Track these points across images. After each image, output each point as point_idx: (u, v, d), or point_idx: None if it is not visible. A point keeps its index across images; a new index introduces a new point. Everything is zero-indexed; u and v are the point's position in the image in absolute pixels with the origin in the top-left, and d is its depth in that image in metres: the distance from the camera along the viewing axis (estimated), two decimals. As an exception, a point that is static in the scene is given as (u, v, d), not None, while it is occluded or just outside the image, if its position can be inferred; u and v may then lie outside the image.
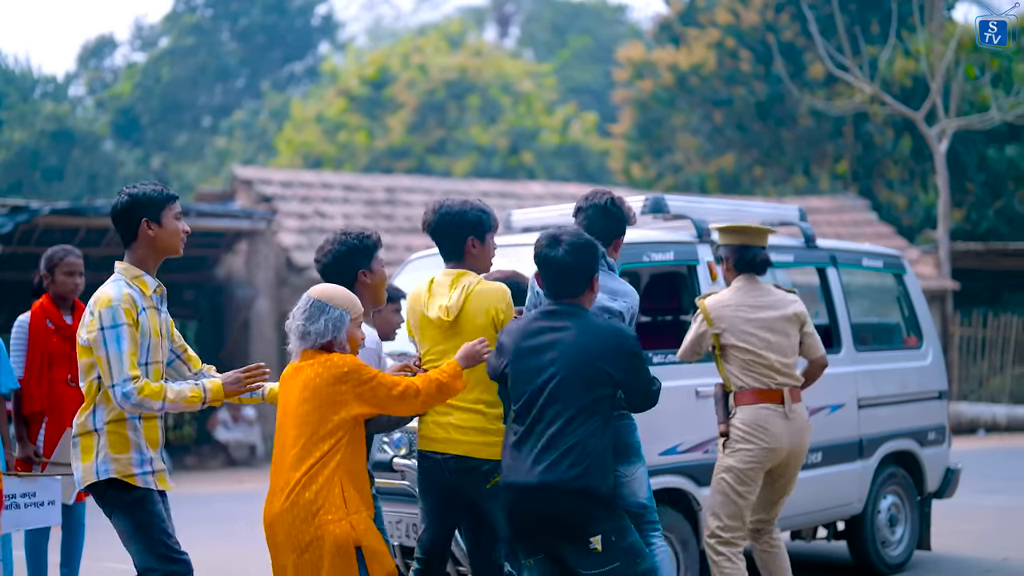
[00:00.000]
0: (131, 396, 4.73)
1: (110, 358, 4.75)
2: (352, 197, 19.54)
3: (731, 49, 28.98)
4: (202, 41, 38.97)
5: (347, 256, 5.25)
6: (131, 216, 5.01)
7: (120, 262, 5.07)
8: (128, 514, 4.92)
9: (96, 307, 4.83)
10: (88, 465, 4.86)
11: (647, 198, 7.14)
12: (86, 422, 4.89)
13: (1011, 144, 25.60)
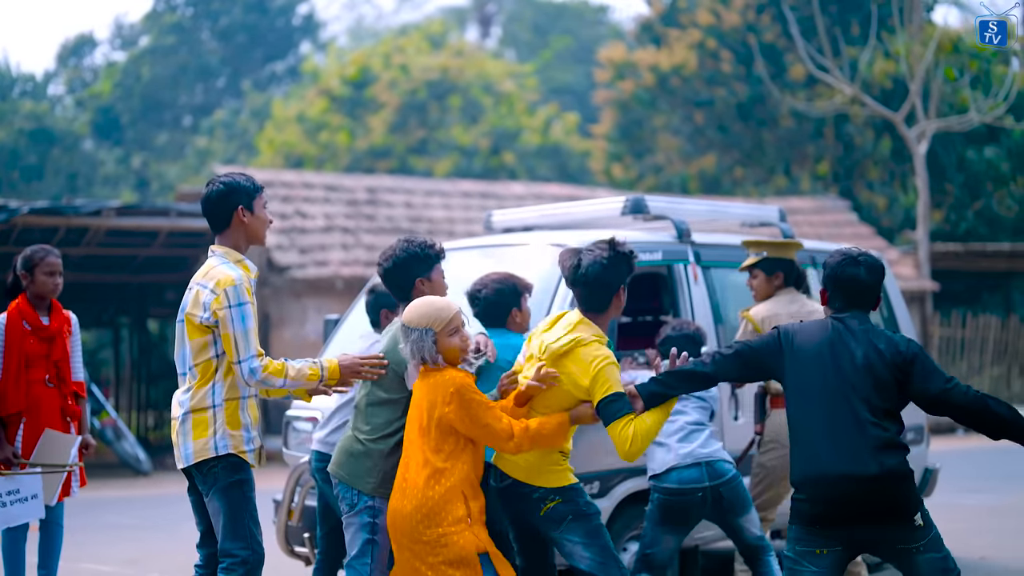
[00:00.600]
0: (257, 372, 4.91)
1: (237, 335, 4.92)
2: (333, 197, 19.51)
3: (712, 50, 29.05)
4: (183, 40, 38.85)
5: (407, 263, 5.33)
6: (226, 203, 5.17)
7: (218, 245, 5.21)
8: (228, 494, 5.01)
9: (218, 287, 4.97)
10: (203, 441, 4.98)
11: (627, 199, 7.22)
12: (203, 399, 4.99)
13: (990, 146, 25.74)
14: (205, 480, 5.02)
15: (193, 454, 4.99)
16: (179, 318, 5.15)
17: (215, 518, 5.06)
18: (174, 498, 13.50)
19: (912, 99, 21.87)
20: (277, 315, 17.77)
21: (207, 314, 4.97)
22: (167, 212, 16.53)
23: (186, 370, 5.07)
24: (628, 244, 5.17)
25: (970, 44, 25.76)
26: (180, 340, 5.12)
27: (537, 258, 6.69)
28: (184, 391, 5.06)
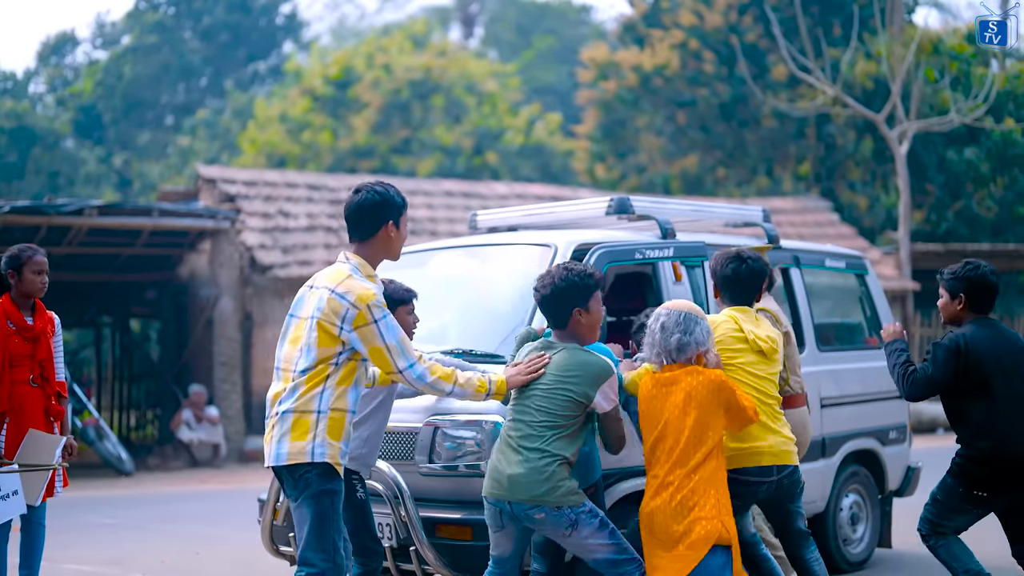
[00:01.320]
0: (426, 376, 4.93)
1: (391, 347, 4.90)
2: (316, 197, 19.50)
3: (695, 50, 29.13)
4: (165, 39, 38.74)
5: (566, 292, 5.24)
6: (378, 216, 5.09)
7: (355, 255, 5.11)
8: (317, 503, 4.91)
9: (360, 301, 4.88)
10: (301, 444, 4.87)
11: (612, 199, 7.21)
12: (310, 402, 4.89)
13: (970, 146, 25.86)
14: (296, 485, 4.91)
15: (288, 455, 4.88)
16: (299, 314, 5.06)
17: (301, 524, 4.93)
18: (156, 498, 13.49)
19: (893, 100, 21.97)
20: (260, 315, 17.74)
21: (347, 328, 4.89)
22: (149, 211, 16.49)
23: (297, 369, 4.95)
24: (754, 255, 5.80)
25: (950, 45, 25.89)
26: (296, 339, 5.00)
27: (523, 258, 6.67)
28: (289, 390, 4.94)
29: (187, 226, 16.99)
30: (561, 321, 5.27)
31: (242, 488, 14.51)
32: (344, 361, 4.94)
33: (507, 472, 5.10)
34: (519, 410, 5.17)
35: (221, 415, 16.88)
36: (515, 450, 5.11)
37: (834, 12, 27.83)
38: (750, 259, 5.76)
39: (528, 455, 5.07)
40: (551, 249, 6.52)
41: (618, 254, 6.50)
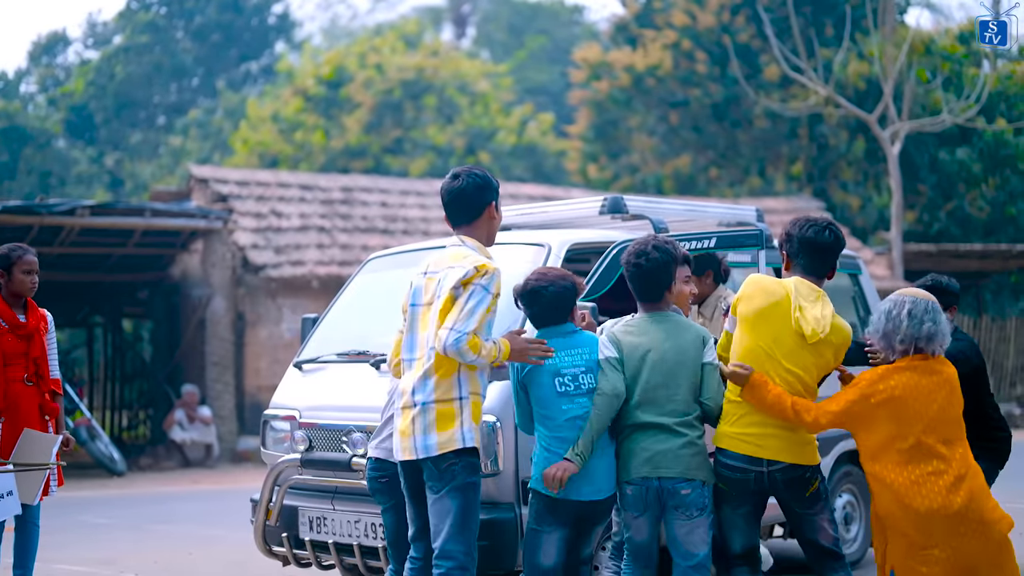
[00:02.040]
0: (460, 342, 4.83)
1: (465, 308, 4.89)
2: (308, 197, 19.49)
3: (687, 51, 29.15)
4: (156, 39, 38.67)
5: (666, 265, 5.33)
6: (482, 197, 5.18)
7: (468, 237, 5.17)
8: (463, 494, 4.92)
9: (480, 268, 4.94)
10: (449, 432, 4.90)
11: (606, 198, 7.22)
12: (449, 390, 4.95)
13: (962, 147, 25.91)
14: (441, 476, 4.90)
15: (437, 445, 4.88)
16: (421, 302, 5.13)
17: (443, 516, 4.90)
18: (149, 498, 13.47)
19: (885, 100, 22.01)
20: (252, 314, 17.73)
21: (459, 287, 4.94)
22: (142, 211, 16.47)
23: (419, 355, 5.03)
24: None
25: (942, 46, 25.95)
26: (425, 325, 5.06)
27: (517, 258, 6.63)
28: (420, 379, 4.98)
29: (179, 226, 16.97)
30: (659, 294, 5.35)
31: (235, 488, 14.49)
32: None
33: (657, 449, 5.11)
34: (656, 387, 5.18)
35: (214, 415, 16.87)
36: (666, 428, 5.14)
37: (826, 12, 27.87)
38: (833, 225, 5.52)
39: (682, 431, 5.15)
40: (544, 249, 6.55)
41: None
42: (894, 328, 5.03)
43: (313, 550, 6.43)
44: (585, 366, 5.16)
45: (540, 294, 5.22)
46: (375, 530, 6.05)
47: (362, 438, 6.20)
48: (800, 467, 5.19)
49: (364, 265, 7.71)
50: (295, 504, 6.48)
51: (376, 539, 6.06)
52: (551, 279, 5.26)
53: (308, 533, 6.43)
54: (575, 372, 5.14)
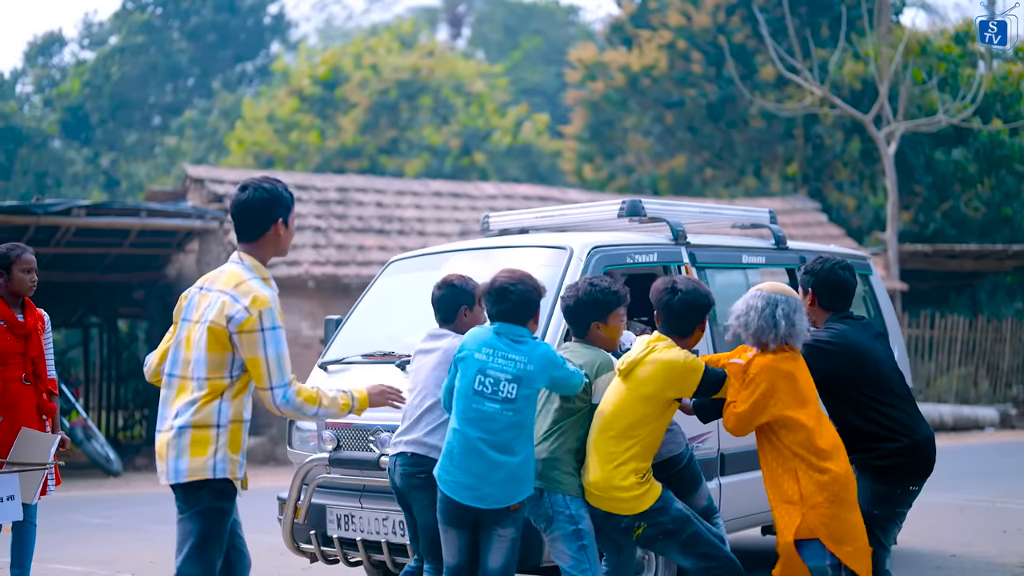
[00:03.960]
0: (291, 400, 4.71)
1: (269, 360, 4.68)
2: (304, 197, 19.47)
3: (682, 51, 29.16)
4: (152, 39, 38.65)
5: (588, 306, 5.48)
6: (267, 214, 4.89)
7: (246, 255, 4.89)
8: (206, 518, 4.75)
9: (253, 306, 4.68)
10: (201, 460, 4.67)
11: (624, 202, 7.36)
12: (209, 416, 4.69)
13: (957, 147, 25.93)
14: (187, 499, 4.73)
15: (187, 472, 4.69)
16: (191, 318, 4.86)
17: (184, 538, 4.75)
18: (145, 498, 13.45)
19: (881, 100, 22.02)
20: (248, 315, 17.71)
21: (234, 330, 4.68)
22: (137, 211, 16.46)
23: (190, 377, 4.77)
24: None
25: (938, 46, 25.97)
26: (189, 344, 4.80)
27: (540, 260, 6.77)
28: (186, 402, 4.74)
29: (175, 226, 16.95)
30: (580, 331, 5.52)
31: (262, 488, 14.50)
32: (239, 371, 4.75)
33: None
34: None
35: (209, 415, 16.84)
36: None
37: (822, 13, 27.88)
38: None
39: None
40: (567, 251, 6.64)
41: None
42: (768, 325, 5.23)
43: (341, 547, 6.53)
44: (514, 374, 5.13)
45: (508, 293, 5.28)
46: (403, 527, 6.14)
47: (389, 437, 6.24)
48: (616, 516, 5.26)
49: (387, 267, 7.78)
50: (323, 502, 6.58)
51: (404, 536, 6.14)
52: (518, 279, 5.31)
53: (336, 531, 6.53)
54: (499, 377, 5.14)
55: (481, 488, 5.11)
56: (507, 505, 5.14)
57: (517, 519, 5.21)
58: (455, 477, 5.15)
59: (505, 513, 5.15)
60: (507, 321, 5.26)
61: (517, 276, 5.34)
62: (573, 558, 5.21)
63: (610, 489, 5.20)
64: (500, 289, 5.28)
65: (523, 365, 5.15)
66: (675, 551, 5.33)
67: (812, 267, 5.78)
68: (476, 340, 5.26)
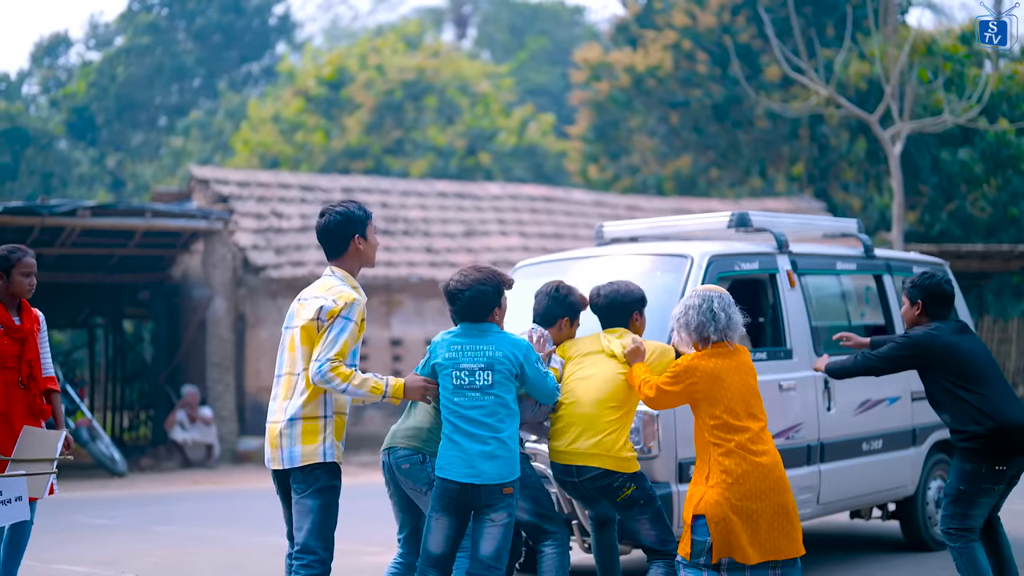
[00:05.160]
0: (324, 373, 5.37)
1: (329, 336, 5.44)
2: (309, 197, 19.49)
3: (688, 51, 29.12)
4: (158, 40, 38.68)
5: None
6: (343, 232, 5.68)
7: (337, 269, 5.69)
8: (324, 496, 5.46)
9: (340, 299, 5.50)
10: (312, 447, 5.45)
11: (732, 214, 8.03)
12: (316, 408, 5.49)
13: (963, 147, 25.87)
14: (306, 480, 5.43)
15: (301, 456, 5.44)
16: (292, 324, 5.64)
17: (304, 516, 5.43)
18: (149, 499, 13.47)
19: (887, 101, 21.97)
20: (253, 315, 17.73)
21: (324, 319, 5.48)
22: (142, 212, 16.47)
23: (295, 373, 5.54)
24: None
25: (944, 46, 25.91)
26: (292, 346, 5.58)
27: (662, 267, 7.56)
28: (294, 398, 5.50)
29: (180, 227, 16.97)
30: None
31: (235, 488, 14.50)
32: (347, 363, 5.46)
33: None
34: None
35: (214, 415, 16.87)
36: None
37: (827, 13, 27.84)
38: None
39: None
40: (687, 259, 7.37)
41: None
42: (707, 319, 5.79)
43: None
44: (485, 363, 5.61)
45: (457, 296, 5.70)
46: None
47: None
48: (613, 475, 5.96)
49: (515, 271, 8.31)
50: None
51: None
52: (469, 283, 5.68)
53: None
54: (473, 368, 5.60)
55: (475, 465, 5.51)
56: (500, 483, 5.52)
57: (510, 504, 5.59)
58: (448, 461, 5.57)
59: (499, 495, 5.53)
60: (466, 320, 5.72)
61: (467, 281, 5.71)
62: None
63: (613, 449, 5.95)
64: (450, 292, 5.72)
65: (493, 351, 5.62)
66: (647, 518, 6.03)
67: (919, 281, 6.55)
68: (442, 343, 5.73)
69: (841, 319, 8.53)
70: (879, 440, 8.28)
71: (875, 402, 8.23)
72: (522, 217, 21.07)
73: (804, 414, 7.64)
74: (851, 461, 8.05)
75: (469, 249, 19.61)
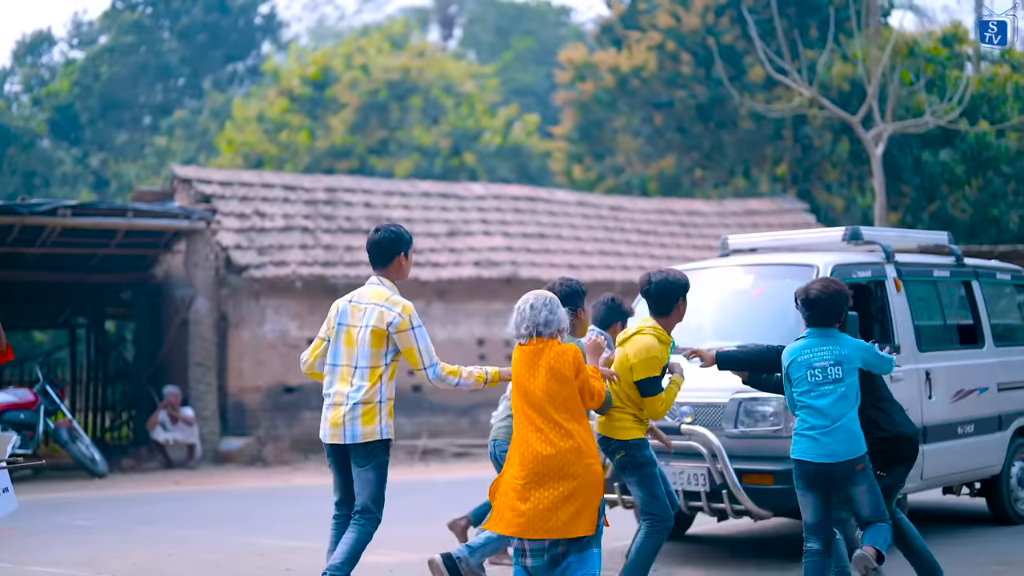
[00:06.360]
0: (439, 374, 6.64)
1: (421, 349, 6.66)
2: (292, 197, 19.46)
3: (672, 52, 29.16)
4: (142, 39, 38.57)
5: (568, 298, 6.96)
6: (394, 248, 6.85)
7: (383, 278, 6.84)
8: (381, 469, 6.66)
9: (404, 312, 6.65)
10: (372, 427, 6.61)
11: (846, 229, 9.22)
12: (374, 395, 6.62)
13: (945, 148, 25.97)
14: (367, 455, 6.61)
15: (362, 435, 6.59)
16: (347, 323, 6.73)
17: (367, 484, 6.63)
18: (130, 499, 13.43)
19: (869, 102, 22.04)
20: (235, 315, 17.71)
21: (392, 331, 6.62)
22: (124, 211, 16.44)
23: (355, 366, 6.66)
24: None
25: (925, 48, 26.00)
26: (351, 342, 6.69)
27: (791, 274, 8.72)
28: (355, 386, 6.63)
29: (162, 226, 16.94)
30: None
31: (217, 489, 14.48)
32: (392, 360, 6.68)
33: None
34: None
35: (196, 416, 16.84)
36: None
37: (810, 14, 27.91)
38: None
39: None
40: (814, 268, 8.48)
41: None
42: (519, 319, 6.15)
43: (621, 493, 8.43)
44: (833, 360, 6.57)
45: (816, 302, 6.65)
46: (696, 480, 8.13)
47: (689, 410, 8.24)
48: (606, 440, 6.97)
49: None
50: None
51: (698, 485, 8.13)
52: (826, 290, 6.65)
53: None
54: (824, 365, 6.56)
55: (828, 446, 6.47)
56: (851, 459, 6.48)
57: (867, 475, 6.57)
58: (808, 445, 6.52)
59: (853, 471, 6.51)
60: (817, 326, 6.68)
61: (829, 289, 6.71)
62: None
63: (614, 420, 6.95)
64: (810, 299, 6.69)
65: (839, 350, 6.59)
66: (635, 481, 6.95)
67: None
68: (796, 349, 6.70)
69: (937, 319, 9.63)
70: (971, 425, 9.34)
71: (968, 391, 9.33)
72: (505, 217, 21.09)
73: (910, 401, 8.47)
74: (948, 443, 9.13)
75: (452, 249, 19.62)
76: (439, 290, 18.80)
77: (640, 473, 6.92)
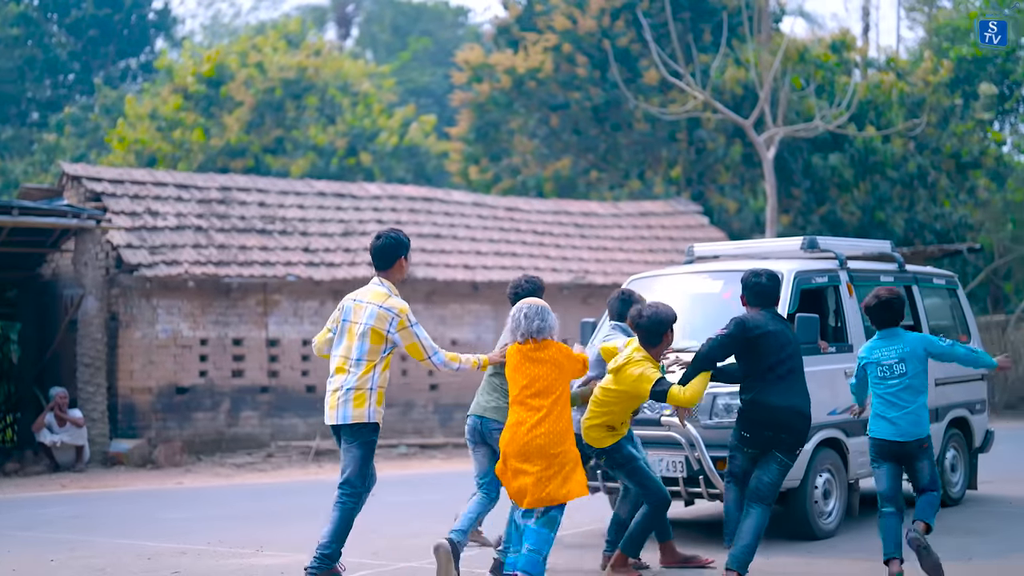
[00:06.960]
0: (443, 360, 7.65)
1: (423, 341, 7.65)
2: (185, 196, 19.21)
3: (568, 54, 29.34)
4: (29, 32, 37.70)
5: (532, 292, 8.06)
6: (395, 252, 7.77)
7: (384, 280, 7.77)
8: (365, 447, 7.57)
9: (401, 313, 7.59)
10: (361, 410, 7.53)
11: (804, 239, 10.27)
12: (365, 382, 7.55)
13: (834, 153, 26.53)
14: (355, 435, 7.55)
15: (352, 417, 7.52)
16: (351, 319, 7.68)
17: (353, 460, 7.55)
18: (12, 503, 13.12)
19: (761, 106, 22.44)
20: (126, 315, 17.40)
21: (393, 331, 7.57)
22: (9, 209, 16.06)
23: (352, 358, 7.58)
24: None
25: (815, 54, 26.54)
26: (351, 337, 7.63)
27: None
28: (350, 374, 7.55)
29: (49, 224, 16.58)
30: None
31: (105, 492, 14.22)
32: (387, 354, 7.63)
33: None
34: None
35: (85, 417, 16.52)
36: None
37: (705, 19, 28.30)
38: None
39: None
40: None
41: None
42: (515, 326, 7.30)
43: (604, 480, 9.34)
44: (897, 358, 7.64)
45: (891, 306, 7.70)
46: (675, 467, 9.03)
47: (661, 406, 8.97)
48: (589, 447, 7.97)
49: (629, 282, 10.18)
50: None
51: (675, 472, 9.03)
52: (892, 293, 7.74)
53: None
54: (890, 363, 7.65)
55: (902, 427, 7.57)
56: (919, 438, 7.60)
57: (930, 452, 7.65)
58: (883, 425, 7.61)
59: (919, 448, 7.61)
60: (885, 327, 7.73)
61: (895, 293, 7.81)
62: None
63: (591, 432, 7.93)
64: (884, 303, 7.72)
65: (902, 348, 7.65)
66: (623, 476, 8.07)
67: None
68: (867, 348, 7.84)
69: None
70: None
71: None
72: (401, 217, 21.04)
73: None
74: None
75: (347, 249, 19.52)
76: (333, 290, 18.68)
77: (625, 469, 8.00)
